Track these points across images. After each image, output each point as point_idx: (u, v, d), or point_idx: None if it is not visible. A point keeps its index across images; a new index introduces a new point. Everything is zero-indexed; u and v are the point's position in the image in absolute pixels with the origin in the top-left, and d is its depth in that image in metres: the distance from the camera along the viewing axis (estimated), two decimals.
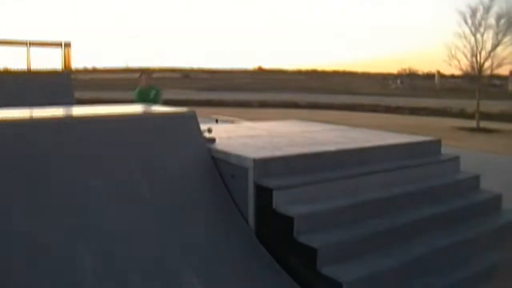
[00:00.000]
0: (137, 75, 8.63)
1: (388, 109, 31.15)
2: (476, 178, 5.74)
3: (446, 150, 6.27)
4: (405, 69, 72.89)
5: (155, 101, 7.60)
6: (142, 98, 7.64)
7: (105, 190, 3.99)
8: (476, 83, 23.81)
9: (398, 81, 64.35)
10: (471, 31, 21.54)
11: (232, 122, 7.61)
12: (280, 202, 4.10)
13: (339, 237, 3.96)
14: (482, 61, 21.45)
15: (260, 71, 78.96)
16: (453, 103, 33.86)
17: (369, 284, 3.68)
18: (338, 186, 4.52)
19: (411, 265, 4.03)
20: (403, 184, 5.01)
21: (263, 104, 30.12)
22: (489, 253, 4.69)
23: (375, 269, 3.81)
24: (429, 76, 69.85)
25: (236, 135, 5.90)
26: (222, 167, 4.65)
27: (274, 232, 4.12)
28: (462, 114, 27.97)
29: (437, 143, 6.14)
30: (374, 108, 31.13)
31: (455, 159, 5.94)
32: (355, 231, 4.09)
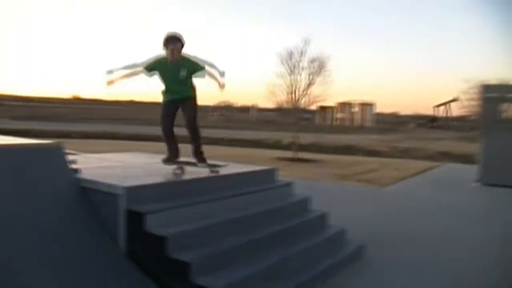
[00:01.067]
0: None
1: (209, 141, 32.65)
2: (307, 200, 6.91)
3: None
4: (223, 102, 76.58)
5: (188, 81, 5.98)
6: (168, 74, 5.93)
7: None
8: (290, 117, 26.25)
9: (217, 113, 67.06)
10: (288, 71, 23.86)
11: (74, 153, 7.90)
12: (152, 225, 4.70)
13: (207, 251, 4.70)
14: (297, 98, 23.87)
15: (77, 100, 76.55)
16: (269, 134, 36.62)
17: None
18: (200, 209, 5.25)
19: (265, 271, 4.94)
20: (250, 206, 5.92)
21: (84, 136, 29.58)
22: (322, 260, 5.78)
23: (239, 276, 4.62)
24: (244, 109, 74.21)
25: (94, 166, 6.32)
26: (91, 196, 5.11)
27: (147, 252, 4.69)
28: (277, 145, 30.50)
29: (274, 171, 7.21)
30: None
31: (289, 185, 7.07)
32: (219, 246, 4.87)
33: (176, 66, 5.83)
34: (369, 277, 5.87)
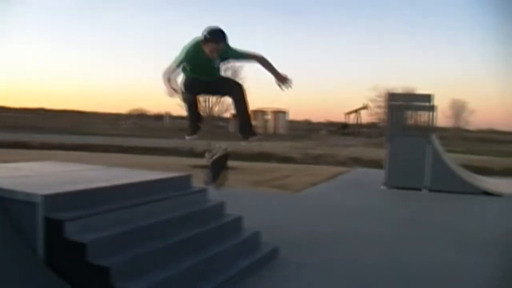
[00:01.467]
0: None
1: (121, 149, 32.23)
2: (222, 205, 7.22)
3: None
4: (136, 110, 75.72)
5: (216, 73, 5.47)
6: (200, 61, 5.25)
7: None
8: (204, 125, 26.56)
9: (130, 122, 65.96)
10: None
11: None
12: (71, 232, 4.83)
13: (126, 256, 4.90)
14: (211, 106, 24.21)
15: None
16: (183, 142, 36.60)
17: None
18: (118, 215, 5.45)
19: (184, 274, 5.24)
20: (167, 212, 6.16)
21: None
22: (237, 262, 6.12)
23: (158, 279, 4.88)
24: (158, 117, 73.77)
25: (8, 175, 6.31)
26: (8, 205, 5.12)
27: (67, 259, 4.81)
28: (192, 153, 30.56)
29: (188, 178, 7.46)
30: (106, 148, 31.85)
31: (204, 191, 7.34)
32: (138, 251, 5.09)
33: (209, 58, 5.22)
34: (283, 276, 6.28)
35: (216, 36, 5.09)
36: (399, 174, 15.71)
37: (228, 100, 24.20)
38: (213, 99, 23.98)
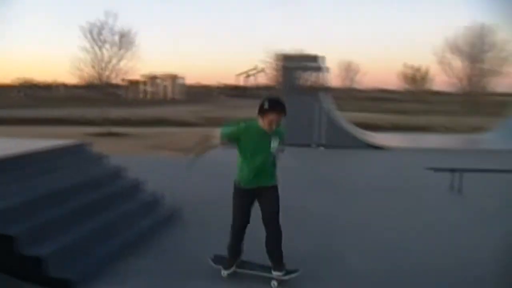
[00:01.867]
0: None
1: (14, 121, 30.90)
2: (120, 170, 7.44)
3: None
4: (22, 79, 72.06)
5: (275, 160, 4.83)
6: (255, 144, 4.70)
7: None
8: (99, 92, 26.04)
9: (20, 92, 62.69)
10: (93, 46, 23.62)
11: None
12: None
13: (31, 224, 5.01)
14: (104, 72, 23.73)
15: None
16: (78, 111, 35.61)
17: (63, 254, 4.92)
18: (18, 185, 5.53)
19: (90, 235, 5.48)
20: (66, 179, 6.29)
21: None
22: (139, 222, 6.40)
23: (65, 243, 5.07)
24: (49, 86, 70.73)
25: None
26: None
27: None
28: (87, 121, 29.92)
29: (85, 145, 7.58)
30: None
31: (102, 157, 7.50)
32: (42, 218, 5.22)
33: (265, 135, 4.57)
34: (183, 234, 6.63)
35: (277, 106, 4.48)
36: (293, 132, 16.39)
37: (122, 66, 23.92)
38: (106, 65, 23.34)
